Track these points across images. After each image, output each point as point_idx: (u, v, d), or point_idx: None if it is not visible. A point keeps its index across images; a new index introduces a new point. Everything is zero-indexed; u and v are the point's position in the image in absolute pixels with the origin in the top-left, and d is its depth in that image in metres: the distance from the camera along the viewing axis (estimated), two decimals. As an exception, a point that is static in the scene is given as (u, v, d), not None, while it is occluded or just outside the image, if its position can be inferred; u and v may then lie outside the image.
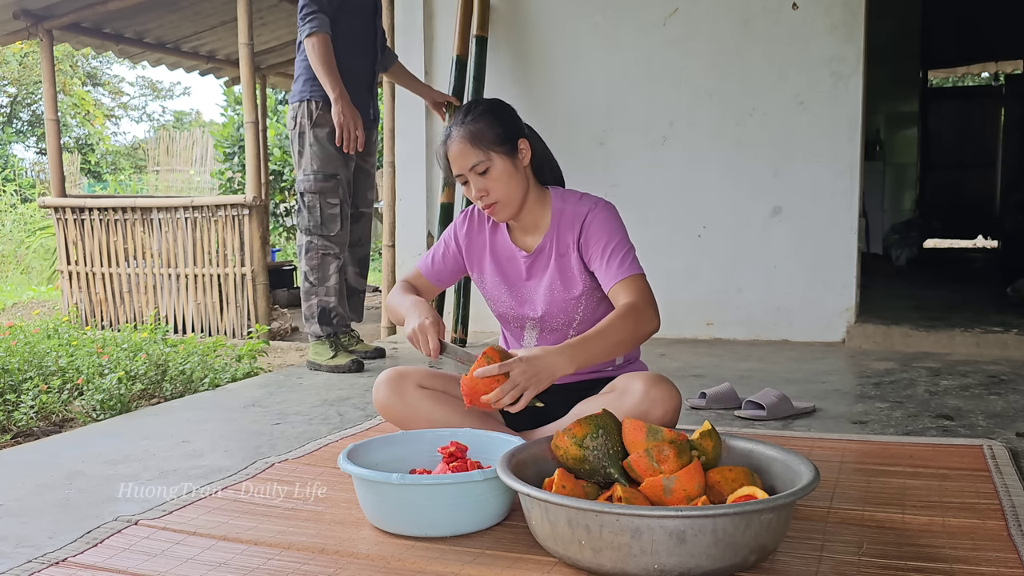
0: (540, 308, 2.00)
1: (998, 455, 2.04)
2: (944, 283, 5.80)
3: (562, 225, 1.97)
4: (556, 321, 2.01)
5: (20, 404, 3.21)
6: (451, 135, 1.92)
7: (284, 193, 10.93)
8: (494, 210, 1.93)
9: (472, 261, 2.09)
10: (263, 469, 2.01)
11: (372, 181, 3.71)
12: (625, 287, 1.85)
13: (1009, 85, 7.99)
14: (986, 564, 1.40)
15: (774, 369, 3.32)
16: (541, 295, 2.00)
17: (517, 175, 1.92)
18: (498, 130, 1.90)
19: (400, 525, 1.57)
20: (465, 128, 1.90)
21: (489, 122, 1.90)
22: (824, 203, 3.90)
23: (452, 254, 2.10)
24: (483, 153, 1.88)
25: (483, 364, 1.70)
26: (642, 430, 1.53)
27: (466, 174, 1.91)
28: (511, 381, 1.67)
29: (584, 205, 1.96)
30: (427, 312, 1.89)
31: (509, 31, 4.29)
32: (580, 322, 2.00)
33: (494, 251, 2.06)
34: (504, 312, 2.07)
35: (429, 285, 2.14)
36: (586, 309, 1.99)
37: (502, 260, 2.05)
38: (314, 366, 3.44)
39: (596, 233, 1.92)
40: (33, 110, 17.28)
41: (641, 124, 4.14)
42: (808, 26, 3.87)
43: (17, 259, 9.54)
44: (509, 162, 1.91)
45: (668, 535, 1.27)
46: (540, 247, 1.99)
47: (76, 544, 1.56)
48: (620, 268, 1.87)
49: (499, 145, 1.90)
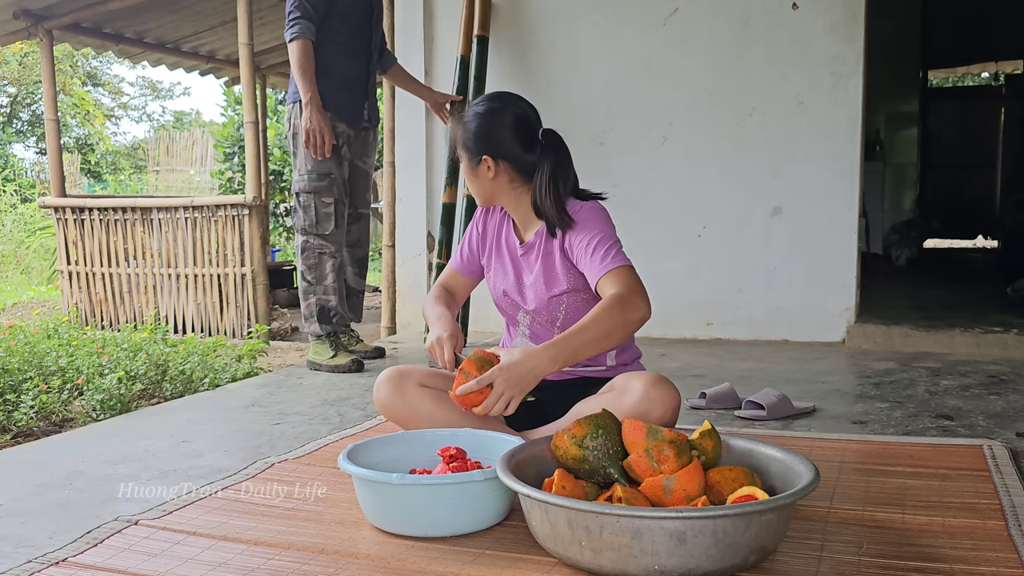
0: (532, 302, 2.03)
1: (998, 455, 2.04)
2: (944, 283, 5.80)
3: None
4: (542, 317, 2.03)
5: (20, 404, 3.21)
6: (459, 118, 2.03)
7: (284, 193, 10.92)
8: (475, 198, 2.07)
9: (484, 247, 2.14)
10: (263, 469, 2.01)
11: (369, 182, 3.70)
12: (611, 279, 1.83)
13: (1009, 85, 7.99)
14: (986, 564, 1.40)
15: (774, 369, 3.32)
16: (529, 289, 2.03)
17: (476, 181, 2.01)
18: (469, 137, 1.97)
19: (400, 525, 1.57)
20: (460, 118, 2.00)
21: (469, 125, 1.97)
22: (824, 203, 3.90)
23: (476, 243, 2.15)
24: (456, 146, 2.00)
25: (462, 381, 1.74)
26: (642, 430, 1.53)
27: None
28: (495, 392, 1.71)
29: (572, 206, 1.97)
30: (447, 326, 1.96)
31: (510, 31, 4.29)
32: (563, 321, 2.01)
33: (499, 240, 2.11)
34: (499, 301, 2.11)
35: (463, 279, 2.18)
36: (568, 308, 1.99)
37: (503, 250, 2.09)
38: (314, 366, 3.44)
39: (580, 230, 1.92)
40: (33, 110, 17.29)
41: (641, 124, 4.14)
42: (808, 26, 3.87)
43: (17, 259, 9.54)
44: (468, 167, 2.00)
45: (668, 536, 1.27)
46: (531, 243, 2.02)
47: (76, 544, 1.56)
48: (604, 261, 1.85)
49: (465, 148, 1.99)
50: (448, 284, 2.18)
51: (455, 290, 2.18)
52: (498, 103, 1.98)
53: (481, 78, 4.09)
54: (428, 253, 4.43)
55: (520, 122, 1.97)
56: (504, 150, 1.96)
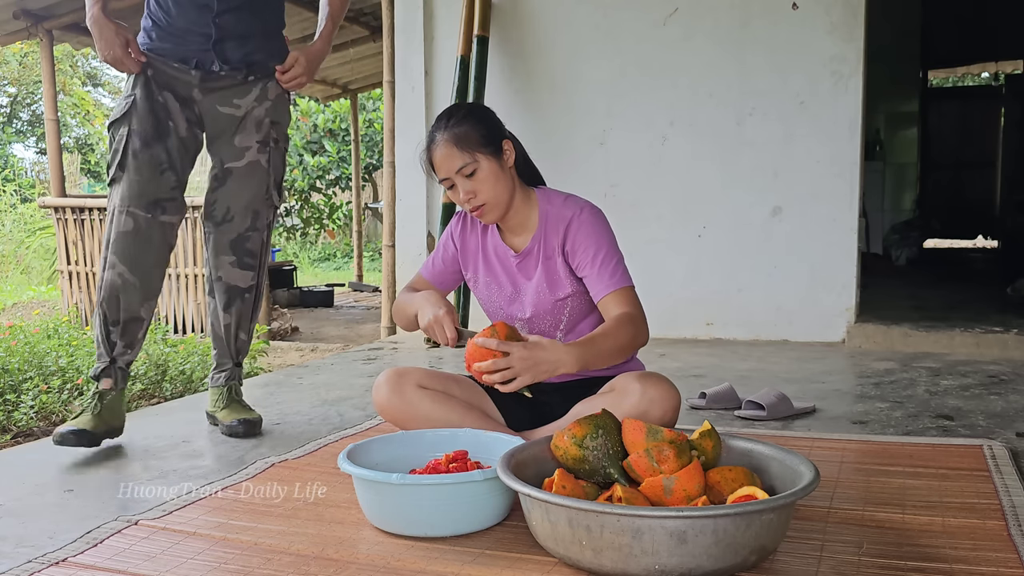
0: (528, 309, 2.01)
1: (998, 455, 2.04)
2: (944, 283, 5.80)
3: (548, 227, 1.97)
4: (543, 323, 2.01)
5: (20, 404, 3.22)
6: (435, 140, 1.91)
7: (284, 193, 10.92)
8: (482, 212, 1.93)
9: (467, 262, 2.10)
10: (263, 469, 2.01)
11: (244, 127, 2.44)
12: (617, 299, 1.87)
13: (1009, 85, 8.00)
14: (986, 564, 1.40)
15: (774, 369, 3.32)
16: (529, 296, 2.00)
17: (503, 176, 1.92)
18: (482, 131, 1.91)
19: (400, 525, 1.57)
20: (449, 131, 1.89)
21: (473, 124, 1.91)
22: (824, 203, 3.90)
23: (450, 257, 2.11)
24: (469, 155, 1.88)
25: (488, 335, 1.72)
26: (642, 430, 1.53)
27: (452, 177, 1.90)
28: (506, 360, 1.68)
29: (569, 208, 1.96)
30: (440, 302, 1.92)
31: (510, 31, 4.29)
32: (567, 324, 2.01)
33: (485, 251, 2.06)
34: (494, 312, 2.07)
35: (433, 289, 2.12)
36: (572, 311, 1.99)
37: (493, 260, 2.05)
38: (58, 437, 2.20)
39: (584, 240, 1.92)
40: (33, 110, 17.28)
41: (641, 124, 4.14)
42: (808, 26, 3.87)
43: (17, 259, 9.54)
44: (495, 163, 1.91)
45: (669, 535, 1.27)
46: (528, 249, 1.99)
47: (76, 544, 1.56)
48: (612, 279, 1.88)
49: (484, 146, 1.89)
50: (417, 288, 2.11)
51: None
52: (465, 105, 2.00)
53: (481, 78, 4.09)
54: (428, 253, 4.43)
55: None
56: (506, 132, 1.98)
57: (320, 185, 11.56)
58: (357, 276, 9.18)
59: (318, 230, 12.22)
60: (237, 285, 2.48)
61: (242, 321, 2.51)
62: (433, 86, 4.35)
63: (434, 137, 1.92)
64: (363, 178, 11.34)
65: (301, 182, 11.27)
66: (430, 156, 1.93)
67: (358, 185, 9.24)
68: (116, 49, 2.30)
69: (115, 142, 2.31)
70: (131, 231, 2.28)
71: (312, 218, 11.86)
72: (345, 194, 12.10)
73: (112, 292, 2.29)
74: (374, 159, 11.78)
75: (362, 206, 9.89)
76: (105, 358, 2.32)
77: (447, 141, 1.89)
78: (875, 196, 7.01)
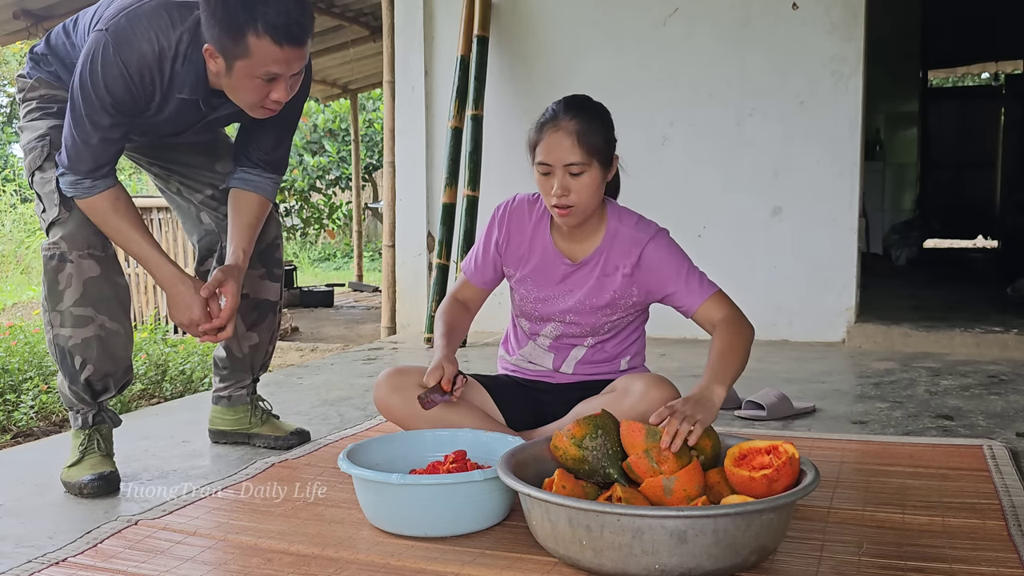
0: (568, 313, 1.97)
1: (998, 455, 2.04)
2: (944, 283, 5.80)
3: (615, 246, 1.93)
4: (582, 327, 1.98)
5: (20, 404, 3.22)
6: (559, 122, 1.80)
7: (283, 192, 10.94)
8: (568, 213, 1.83)
9: (509, 255, 2.00)
10: (263, 469, 2.01)
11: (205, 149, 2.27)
12: (715, 304, 1.92)
13: (1009, 85, 7.99)
14: (986, 564, 1.40)
15: (774, 369, 3.32)
16: (572, 302, 1.95)
17: (601, 188, 1.86)
18: (607, 137, 1.85)
19: (400, 525, 1.57)
20: (579, 122, 1.79)
21: (601, 126, 1.84)
22: (824, 203, 3.89)
23: (492, 253, 2.02)
24: (587, 156, 1.79)
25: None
26: (641, 432, 1.53)
27: (555, 167, 1.80)
28: (680, 413, 1.55)
29: (643, 231, 1.94)
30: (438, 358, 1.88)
31: (510, 31, 4.29)
32: (603, 336, 2.00)
33: (534, 249, 1.98)
34: (528, 310, 2.01)
35: (476, 291, 2.06)
36: (613, 326, 1.99)
37: (542, 260, 1.97)
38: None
39: (663, 262, 1.93)
40: (33, 110, 17.24)
41: (641, 124, 4.14)
42: (808, 26, 3.86)
43: (17, 259, 9.54)
44: (601, 173, 1.83)
45: (669, 535, 1.27)
46: (587, 260, 1.94)
47: (76, 544, 1.56)
48: (701, 287, 1.92)
49: (601, 154, 1.82)
50: (461, 296, 2.07)
51: (468, 302, 2.07)
52: (598, 104, 1.89)
53: (481, 78, 4.09)
54: (428, 253, 4.43)
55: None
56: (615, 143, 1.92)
57: (320, 185, 11.56)
58: (357, 276, 9.18)
59: (318, 230, 12.21)
60: (268, 299, 2.24)
61: (272, 337, 2.30)
62: (433, 86, 4.35)
63: (558, 118, 1.81)
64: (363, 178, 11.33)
65: (301, 182, 11.27)
66: (541, 134, 1.82)
67: (358, 185, 9.23)
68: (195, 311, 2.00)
69: (49, 182, 1.94)
70: (98, 276, 1.97)
71: (312, 218, 11.86)
72: (345, 194, 12.09)
73: (96, 351, 1.95)
74: (374, 159, 11.78)
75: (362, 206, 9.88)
76: (87, 407, 2.00)
77: (573, 131, 1.79)
78: (875, 196, 7.01)
